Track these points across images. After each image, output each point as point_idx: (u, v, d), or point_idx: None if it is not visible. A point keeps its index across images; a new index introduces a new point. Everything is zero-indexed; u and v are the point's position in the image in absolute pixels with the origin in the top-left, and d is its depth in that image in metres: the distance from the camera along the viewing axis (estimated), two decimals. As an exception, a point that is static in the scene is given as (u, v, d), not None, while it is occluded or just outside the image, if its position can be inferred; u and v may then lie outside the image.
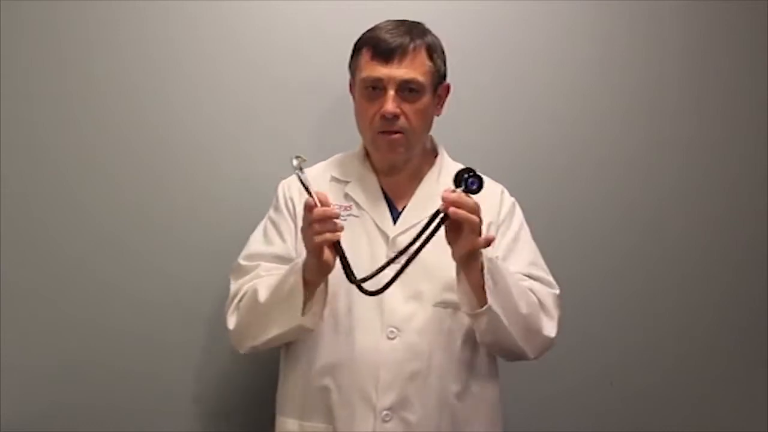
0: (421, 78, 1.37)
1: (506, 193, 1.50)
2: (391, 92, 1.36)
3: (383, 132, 1.38)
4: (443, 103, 1.46)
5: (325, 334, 1.37)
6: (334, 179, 1.46)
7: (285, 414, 1.43)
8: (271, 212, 1.47)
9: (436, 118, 1.44)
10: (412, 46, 1.37)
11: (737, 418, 1.93)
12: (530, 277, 1.44)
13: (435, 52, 1.41)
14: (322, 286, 1.30)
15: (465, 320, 1.37)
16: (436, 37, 1.43)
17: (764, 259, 1.94)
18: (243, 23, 1.66)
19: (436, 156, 1.49)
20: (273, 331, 1.33)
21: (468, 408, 1.38)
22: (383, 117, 1.36)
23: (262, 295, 1.33)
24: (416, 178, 1.46)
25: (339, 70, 1.47)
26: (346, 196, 1.44)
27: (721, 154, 1.91)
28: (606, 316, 1.87)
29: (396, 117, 1.37)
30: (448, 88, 1.46)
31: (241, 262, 1.43)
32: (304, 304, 1.29)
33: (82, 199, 1.58)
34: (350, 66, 1.43)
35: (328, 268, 1.26)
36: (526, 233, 1.50)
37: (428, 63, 1.39)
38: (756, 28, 1.91)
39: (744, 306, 1.94)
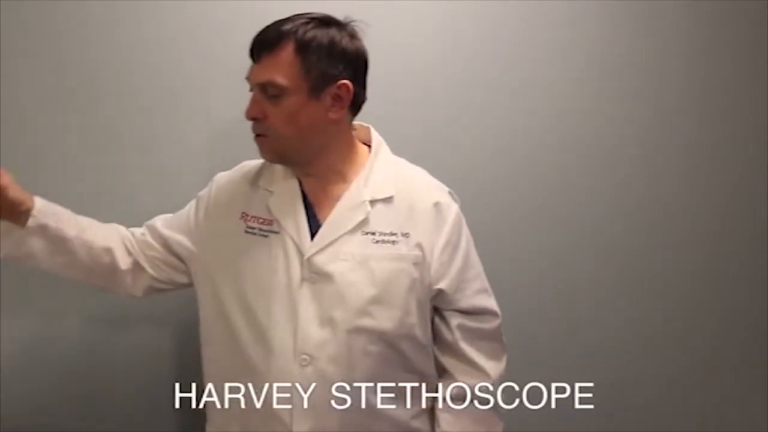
0: (280, 80, 1.24)
1: (443, 202, 1.35)
2: (254, 94, 1.28)
3: (255, 134, 1.32)
4: (345, 104, 1.29)
5: (243, 352, 1.30)
6: (261, 188, 1.37)
7: (209, 424, 1.39)
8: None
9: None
10: (274, 43, 1.24)
11: (737, 418, 1.93)
12: (477, 311, 1.37)
13: (309, 49, 1.24)
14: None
15: (381, 344, 1.29)
16: (325, 32, 1.26)
17: (765, 259, 1.94)
18: (244, 23, 1.66)
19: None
20: None
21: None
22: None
23: None
24: (342, 180, 1.34)
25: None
26: (269, 210, 1.34)
27: (723, 155, 1.91)
28: (606, 316, 1.87)
29: (256, 119, 1.28)
30: (347, 87, 1.28)
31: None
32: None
33: (81, 199, 1.58)
34: None
35: None
36: (473, 252, 1.39)
37: (295, 62, 1.24)
38: (756, 27, 1.91)
39: (745, 306, 1.94)
